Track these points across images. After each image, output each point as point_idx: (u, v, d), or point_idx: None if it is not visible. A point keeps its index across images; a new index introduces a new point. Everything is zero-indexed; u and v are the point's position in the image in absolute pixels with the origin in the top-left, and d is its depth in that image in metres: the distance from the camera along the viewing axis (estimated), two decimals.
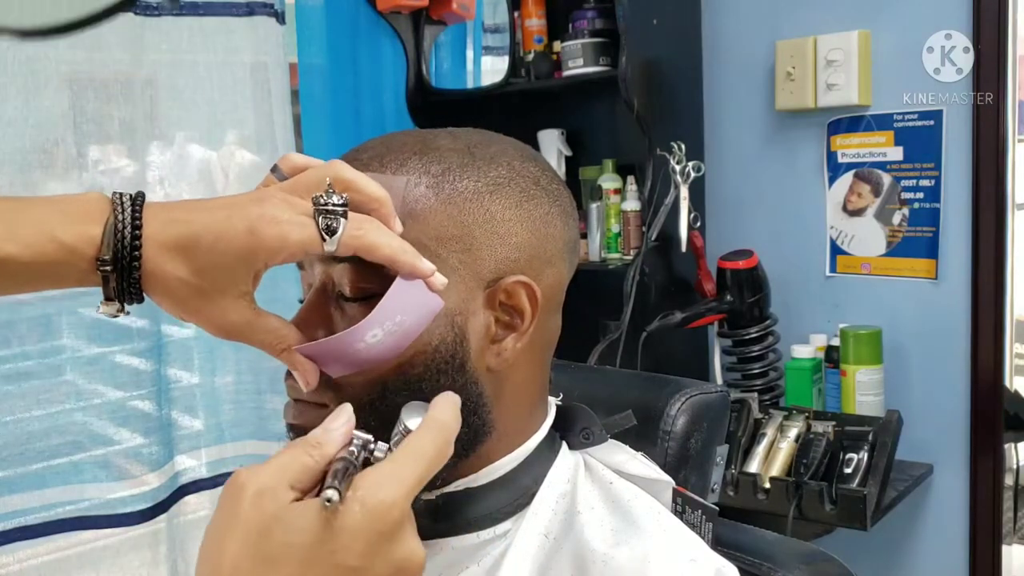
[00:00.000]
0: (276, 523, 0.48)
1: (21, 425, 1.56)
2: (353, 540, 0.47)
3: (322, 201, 0.58)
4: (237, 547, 0.48)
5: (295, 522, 0.47)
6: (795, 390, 1.89)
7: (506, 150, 0.69)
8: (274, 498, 0.48)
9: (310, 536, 0.47)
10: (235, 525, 0.48)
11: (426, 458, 0.52)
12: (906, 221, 1.86)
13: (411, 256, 0.60)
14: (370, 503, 0.48)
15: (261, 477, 0.49)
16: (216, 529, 0.49)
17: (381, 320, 0.60)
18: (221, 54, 1.70)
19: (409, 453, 0.52)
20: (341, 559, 0.47)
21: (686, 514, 0.75)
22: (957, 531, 1.85)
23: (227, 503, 0.49)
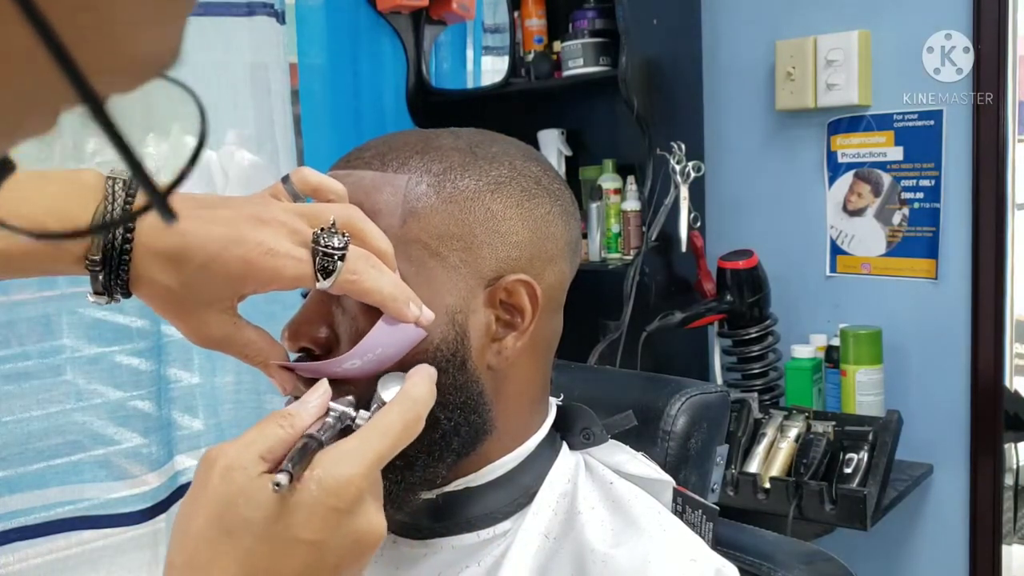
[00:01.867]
0: (239, 496, 0.49)
1: (21, 425, 1.56)
2: (309, 516, 0.49)
3: (323, 241, 0.57)
4: (203, 519, 0.49)
5: (255, 497, 0.49)
6: (795, 390, 1.89)
7: (508, 150, 0.69)
8: (242, 471, 0.50)
9: (267, 511, 0.49)
10: (203, 498, 0.50)
11: (391, 433, 0.53)
12: (906, 221, 1.86)
13: (401, 304, 0.60)
14: (326, 480, 0.49)
15: (231, 451, 0.50)
16: (187, 501, 0.51)
17: (362, 353, 0.60)
18: (221, 54, 1.70)
19: (374, 428, 0.53)
20: (296, 534, 0.49)
21: (686, 514, 0.75)
22: (957, 531, 1.85)
23: (199, 477, 0.51)
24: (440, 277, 0.64)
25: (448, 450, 0.64)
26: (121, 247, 0.55)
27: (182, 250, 0.56)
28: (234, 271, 0.56)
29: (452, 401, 0.64)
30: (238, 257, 0.56)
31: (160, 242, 0.56)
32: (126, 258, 0.55)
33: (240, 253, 0.56)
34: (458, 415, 0.64)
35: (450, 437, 0.64)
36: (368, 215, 0.64)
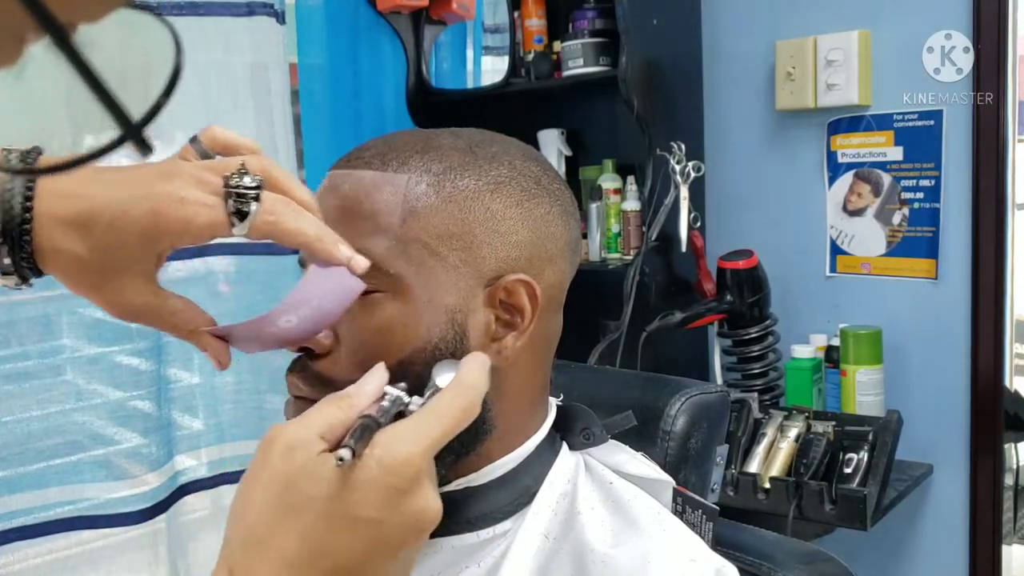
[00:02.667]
0: (301, 474, 0.50)
1: (21, 425, 1.56)
2: (369, 493, 0.49)
3: (233, 182, 0.55)
4: (264, 495, 0.50)
5: (317, 474, 0.49)
6: (795, 390, 1.89)
7: (508, 149, 0.69)
8: (303, 449, 0.50)
9: (329, 488, 0.49)
10: (264, 475, 0.50)
11: (448, 416, 0.53)
12: (906, 221, 1.86)
13: (328, 243, 0.58)
14: (386, 459, 0.50)
15: (292, 430, 0.51)
16: (247, 479, 0.51)
17: (295, 306, 0.59)
18: (221, 54, 1.70)
19: (431, 411, 0.53)
20: (358, 512, 0.49)
21: (686, 514, 0.75)
22: (957, 531, 1.85)
23: (260, 455, 0.51)
24: (440, 277, 0.64)
25: (447, 449, 0.64)
26: (21, 216, 0.53)
27: (87, 213, 0.54)
28: (144, 226, 0.54)
29: None
30: (146, 211, 0.54)
31: (62, 208, 0.53)
32: (27, 227, 0.53)
33: (148, 206, 0.54)
34: None
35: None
36: (368, 215, 0.64)
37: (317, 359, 0.65)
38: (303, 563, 0.49)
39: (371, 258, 0.63)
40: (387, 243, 0.63)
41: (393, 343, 0.63)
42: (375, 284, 0.63)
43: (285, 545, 0.49)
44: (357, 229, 0.64)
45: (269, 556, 0.49)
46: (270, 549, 0.49)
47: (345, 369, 0.64)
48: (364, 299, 0.63)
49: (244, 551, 0.50)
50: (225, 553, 0.51)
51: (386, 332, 0.63)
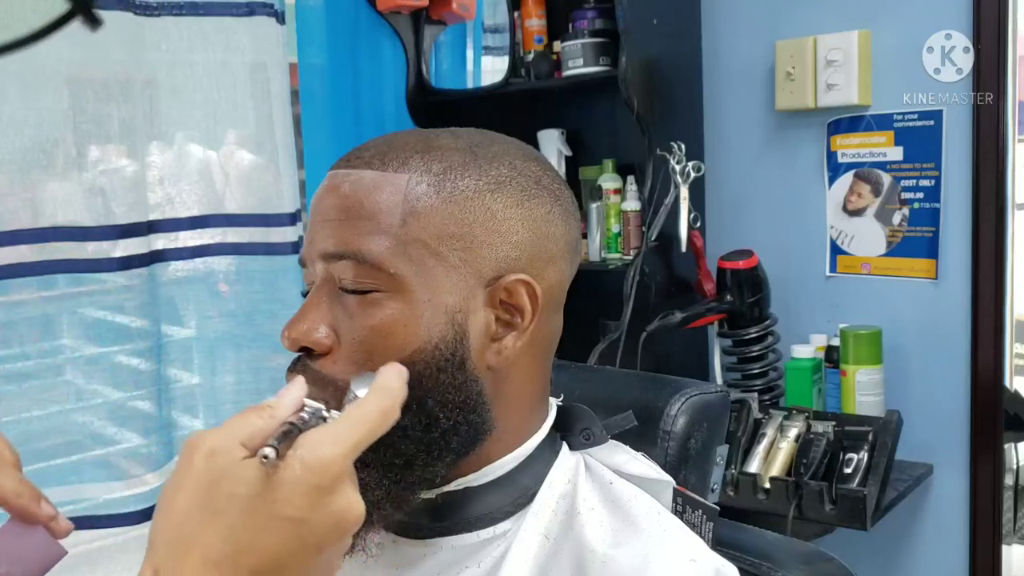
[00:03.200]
0: (223, 477, 0.50)
1: (21, 425, 1.56)
2: (292, 493, 0.50)
3: None
4: (187, 498, 0.51)
5: (240, 475, 0.50)
6: (795, 390, 1.89)
7: (508, 149, 0.69)
8: (225, 454, 0.51)
9: (252, 488, 0.50)
10: (187, 479, 0.51)
11: (368, 420, 0.54)
12: (906, 221, 1.86)
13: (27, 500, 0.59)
14: (308, 459, 0.50)
15: (214, 436, 0.52)
16: (171, 483, 0.52)
17: None
18: (221, 54, 1.70)
19: (351, 415, 0.54)
20: (281, 511, 0.50)
21: (686, 514, 0.75)
22: (957, 531, 1.85)
23: (182, 460, 0.52)
24: (440, 277, 0.64)
25: (447, 449, 0.64)
26: None
27: None
28: None
29: (451, 400, 0.64)
30: None
31: None
32: None
33: None
34: (457, 414, 0.64)
35: (449, 436, 0.64)
36: (368, 215, 0.64)
37: (317, 358, 0.65)
38: (227, 561, 0.49)
39: (371, 258, 0.63)
40: (387, 243, 0.63)
41: (393, 343, 0.63)
42: (375, 284, 0.63)
43: (209, 544, 0.49)
44: (357, 229, 0.64)
45: (194, 555, 0.49)
46: (194, 548, 0.50)
47: (345, 368, 0.64)
48: (364, 298, 0.63)
49: (169, 552, 0.50)
50: (150, 555, 0.51)
51: (386, 332, 0.63)
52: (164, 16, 1.64)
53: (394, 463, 0.63)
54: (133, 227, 1.62)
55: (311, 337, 0.64)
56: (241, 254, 1.77)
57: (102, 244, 1.58)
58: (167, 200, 1.69)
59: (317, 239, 0.66)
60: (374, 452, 0.58)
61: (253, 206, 1.78)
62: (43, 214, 1.55)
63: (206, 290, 1.76)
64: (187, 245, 1.71)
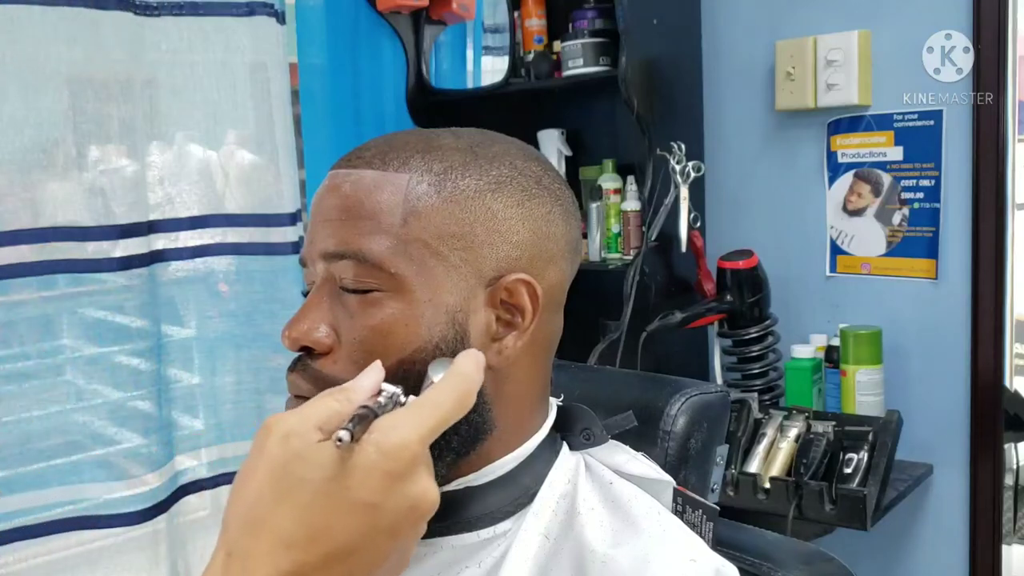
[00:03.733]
0: (297, 460, 0.50)
1: (21, 425, 1.56)
2: (367, 478, 0.50)
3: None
4: (260, 480, 0.51)
5: (314, 459, 0.50)
6: (795, 390, 1.89)
7: (508, 149, 0.69)
8: (300, 437, 0.51)
9: (326, 472, 0.50)
10: (261, 461, 0.51)
11: (444, 405, 0.54)
12: (906, 221, 1.86)
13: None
14: (384, 444, 0.50)
15: (289, 419, 0.52)
16: (245, 467, 0.52)
17: None
18: (221, 54, 1.70)
19: (427, 400, 0.54)
20: (356, 495, 0.50)
21: (687, 514, 0.75)
22: (957, 531, 1.85)
23: (257, 443, 0.52)
24: (441, 276, 0.64)
25: (447, 449, 0.64)
26: None
27: None
28: None
29: None
30: None
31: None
32: None
33: None
34: None
35: (449, 436, 0.64)
36: (369, 214, 0.64)
37: (317, 358, 0.65)
38: (301, 544, 0.49)
39: (372, 257, 0.63)
40: (388, 242, 0.63)
41: (393, 343, 0.63)
42: (376, 283, 0.63)
43: (283, 526, 0.49)
44: (358, 229, 0.64)
45: (267, 537, 0.49)
46: (267, 531, 0.49)
47: (345, 368, 0.64)
48: (365, 298, 0.64)
49: (242, 534, 0.50)
50: (223, 538, 0.51)
51: (386, 332, 0.63)
52: (164, 16, 1.63)
53: None
54: (133, 227, 1.61)
55: (311, 337, 0.64)
56: (241, 254, 1.77)
57: (102, 244, 1.58)
58: (167, 200, 1.69)
59: (318, 239, 0.66)
60: None
61: (253, 206, 1.78)
62: (43, 214, 1.55)
63: (206, 290, 1.76)
64: (187, 245, 1.71)
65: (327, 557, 0.49)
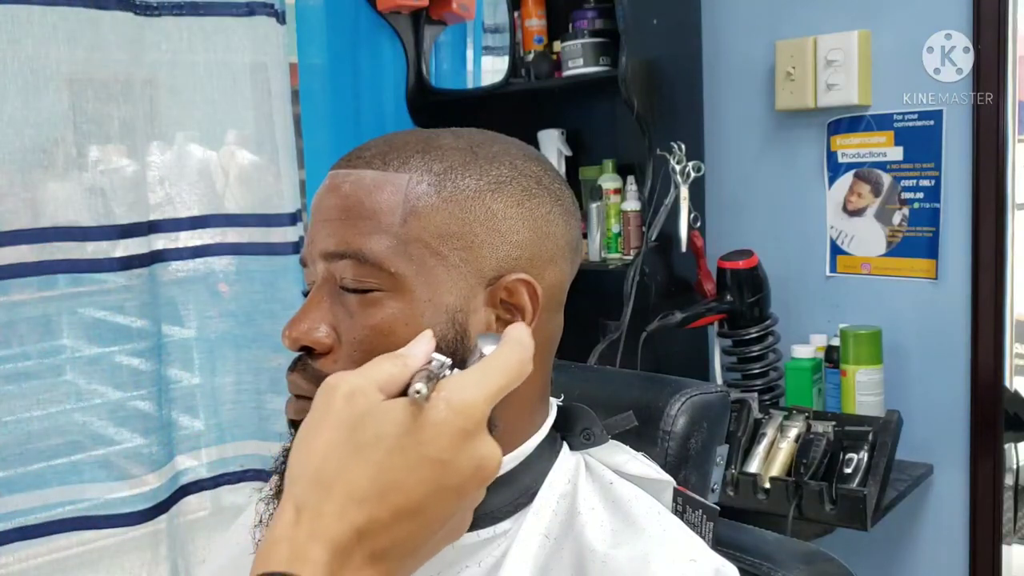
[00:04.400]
0: (368, 416, 0.50)
1: (21, 425, 1.56)
2: (438, 434, 0.50)
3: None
4: (330, 436, 0.51)
5: (386, 415, 0.50)
6: (795, 390, 1.89)
7: (508, 149, 0.69)
8: (365, 396, 0.51)
9: (399, 428, 0.50)
10: (328, 418, 0.51)
11: (508, 368, 0.55)
12: (906, 221, 1.86)
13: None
14: (455, 400, 0.51)
15: (353, 379, 0.52)
16: (310, 423, 0.52)
17: None
18: (221, 54, 1.70)
19: (492, 362, 0.55)
20: (427, 451, 0.50)
21: (687, 514, 0.75)
22: (957, 531, 1.85)
23: (320, 402, 0.52)
24: (441, 276, 0.64)
25: None
26: None
27: None
28: None
29: None
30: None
31: None
32: None
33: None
34: None
35: None
36: (369, 214, 0.64)
37: (318, 357, 0.65)
38: (372, 498, 0.49)
39: (372, 257, 0.63)
40: (388, 242, 0.63)
41: (394, 342, 0.63)
42: (376, 283, 0.63)
43: (354, 481, 0.49)
44: (358, 228, 0.64)
45: (337, 492, 0.49)
46: (340, 486, 0.49)
47: (345, 367, 0.63)
48: (365, 298, 0.64)
49: (311, 489, 0.50)
50: (291, 492, 0.51)
51: (387, 331, 0.63)
52: (164, 16, 1.64)
53: None
54: (133, 227, 1.62)
55: (312, 336, 0.64)
56: (241, 254, 1.77)
57: (102, 244, 1.58)
58: (167, 200, 1.69)
59: (318, 239, 0.66)
60: None
61: (253, 206, 1.78)
62: (43, 214, 1.55)
63: (206, 290, 1.76)
64: (187, 245, 1.72)
65: (397, 513, 0.49)
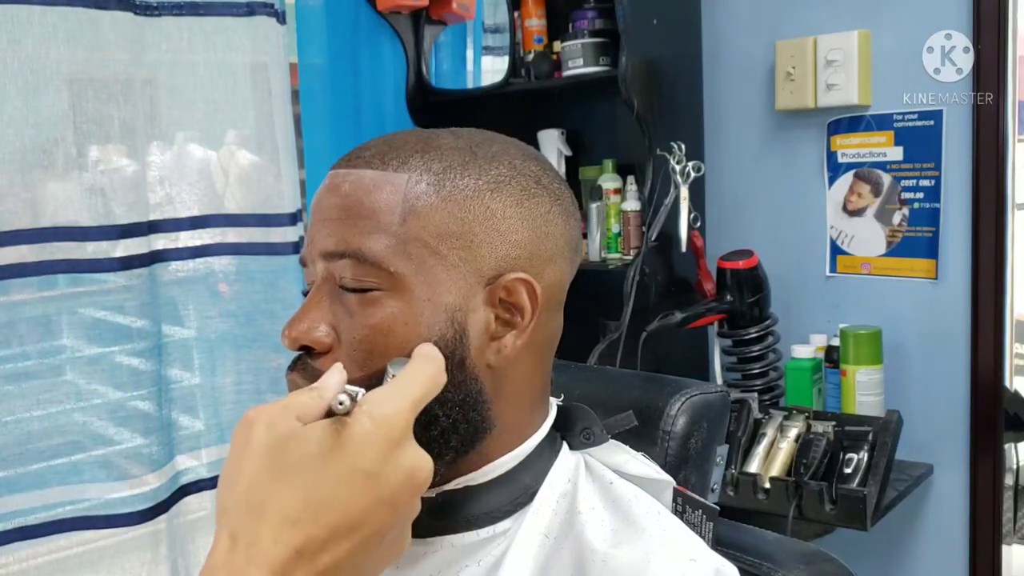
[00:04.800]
0: (291, 439, 0.51)
1: (21, 425, 1.56)
2: (365, 447, 0.50)
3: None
4: (255, 463, 0.51)
5: (309, 436, 0.51)
6: (795, 390, 1.89)
7: (508, 149, 0.69)
8: (285, 423, 0.51)
9: (324, 446, 0.50)
10: (250, 446, 0.51)
11: (424, 380, 0.55)
12: (906, 221, 1.86)
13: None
14: (377, 412, 0.51)
15: (269, 410, 0.52)
16: (233, 454, 0.52)
17: None
18: (221, 54, 1.70)
19: (407, 376, 0.55)
20: (355, 464, 0.50)
21: (687, 514, 0.75)
22: (957, 531, 1.85)
23: (240, 435, 0.52)
24: (440, 275, 0.64)
25: (447, 447, 0.64)
26: None
27: None
28: None
29: (451, 399, 0.64)
30: None
31: None
32: None
33: None
34: (456, 412, 0.64)
35: (448, 435, 0.64)
36: (368, 213, 0.64)
37: (317, 357, 0.65)
38: (307, 518, 0.49)
39: (371, 256, 0.63)
40: (387, 241, 0.63)
41: (393, 341, 0.63)
42: (375, 282, 0.63)
43: (286, 503, 0.49)
44: (357, 228, 0.64)
45: (272, 517, 0.49)
46: (271, 510, 0.49)
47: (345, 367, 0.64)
48: (364, 297, 0.64)
49: (244, 516, 0.50)
50: (222, 522, 0.50)
51: (386, 330, 0.63)
52: (164, 16, 1.64)
53: None
54: (133, 227, 1.62)
55: (311, 336, 0.64)
56: (241, 254, 1.77)
57: (102, 244, 1.58)
58: (167, 200, 1.69)
59: (317, 238, 0.66)
60: None
61: (253, 206, 1.78)
62: (43, 214, 1.55)
63: (206, 290, 1.76)
64: (187, 245, 1.71)
65: (334, 530, 0.49)
